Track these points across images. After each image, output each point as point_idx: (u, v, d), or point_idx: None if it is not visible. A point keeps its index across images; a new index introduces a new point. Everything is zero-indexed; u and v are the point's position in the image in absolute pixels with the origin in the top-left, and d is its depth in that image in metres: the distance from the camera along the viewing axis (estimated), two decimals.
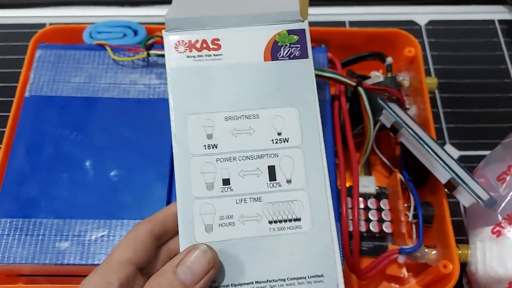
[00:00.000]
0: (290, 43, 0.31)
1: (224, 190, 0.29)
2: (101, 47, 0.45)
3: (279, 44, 0.31)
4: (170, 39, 0.30)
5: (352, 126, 0.45)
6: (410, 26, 0.58)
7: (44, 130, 0.40)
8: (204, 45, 0.31)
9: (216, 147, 0.29)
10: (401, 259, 0.40)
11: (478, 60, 0.56)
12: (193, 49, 0.30)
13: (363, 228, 0.43)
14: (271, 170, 0.29)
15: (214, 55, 0.31)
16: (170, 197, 0.38)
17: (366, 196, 0.45)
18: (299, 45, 0.31)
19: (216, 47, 0.31)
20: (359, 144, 0.45)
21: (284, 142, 0.30)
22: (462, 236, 0.43)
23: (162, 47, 0.44)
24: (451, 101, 0.53)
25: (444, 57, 0.56)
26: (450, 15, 0.59)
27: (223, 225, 0.28)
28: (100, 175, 0.39)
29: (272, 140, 0.30)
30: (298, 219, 0.29)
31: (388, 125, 0.41)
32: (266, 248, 0.28)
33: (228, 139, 0.29)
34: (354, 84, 0.42)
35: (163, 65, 0.44)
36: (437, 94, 0.53)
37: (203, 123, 0.29)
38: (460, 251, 0.40)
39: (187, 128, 0.29)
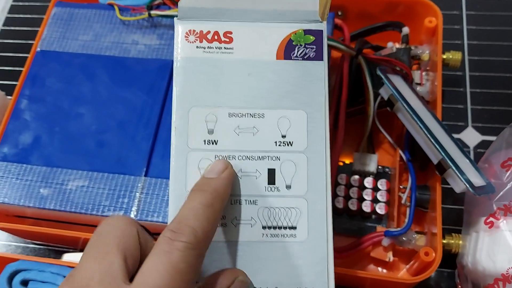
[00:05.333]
0: (305, 43, 0.29)
1: None
2: (112, 7, 0.46)
3: (293, 43, 0.29)
4: (180, 27, 0.29)
5: (356, 99, 0.43)
6: None
7: (48, 83, 0.43)
8: (216, 37, 0.29)
9: (216, 143, 0.28)
10: (386, 242, 0.38)
11: None
12: (204, 40, 0.29)
13: (354, 207, 0.41)
14: (271, 173, 0.27)
15: (225, 48, 0.29)
16: (151, 157, 0.39)
17: (364, 174, 0.42)
18: (314, 46, 0.29)
19: (227, 40, 0.29)
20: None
21: (288, 145, 0.28)
22: None
23: (168, 8, 0.45)
24: (481, 81, 0.48)
25: (482, 32, 0.50)
26: None
27: None
28: (90, 129, 0.40)
29: (276, 142, 0.28)
30: (294, 227, 0.27)
31: (386, 98, 0.38)
32: (256, 254, 0.27)
33: (230, 136, 0.28)
34: (354, 52, 0.40)
35: (166, 26, 0.44)
36: (467, 73, 0.49)
37: (205, 118, 0.28)
38: (449, 241, 0.37)
39: (189, 120, 0.28)
